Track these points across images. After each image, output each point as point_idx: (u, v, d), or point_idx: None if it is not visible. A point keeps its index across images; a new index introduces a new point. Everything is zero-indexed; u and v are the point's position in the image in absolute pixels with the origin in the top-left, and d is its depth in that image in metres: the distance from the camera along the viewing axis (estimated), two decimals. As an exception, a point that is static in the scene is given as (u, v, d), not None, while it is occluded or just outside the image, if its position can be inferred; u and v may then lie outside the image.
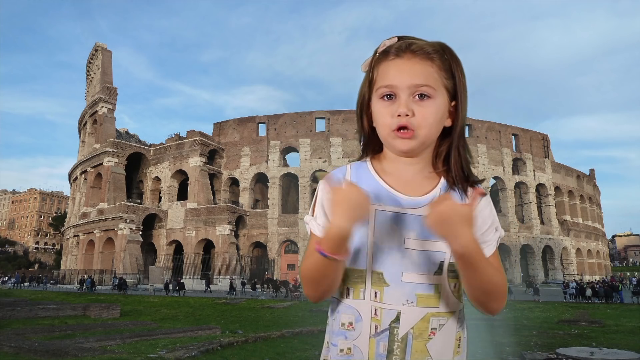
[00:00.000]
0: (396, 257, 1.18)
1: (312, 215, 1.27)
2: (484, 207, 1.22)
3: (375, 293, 1.19)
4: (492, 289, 1.13)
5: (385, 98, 1.21)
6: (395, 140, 1.19)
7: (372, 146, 1.32)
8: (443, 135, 1.25)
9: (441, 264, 1.19)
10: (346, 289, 1.23)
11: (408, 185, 1.24)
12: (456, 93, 1.23)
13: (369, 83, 1.26)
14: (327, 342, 1.28)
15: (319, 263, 1.12)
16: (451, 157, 1.25)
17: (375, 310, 1.19)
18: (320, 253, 1.09)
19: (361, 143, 1.35)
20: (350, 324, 1.21)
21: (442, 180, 1.25)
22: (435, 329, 1.18)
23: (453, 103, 1.24)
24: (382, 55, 1.23)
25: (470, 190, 1.24)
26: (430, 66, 1.19)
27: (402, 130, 1.18)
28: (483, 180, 1.28)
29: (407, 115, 1.16)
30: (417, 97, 1.18)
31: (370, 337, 1.18)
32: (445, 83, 1.21)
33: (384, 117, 1.20)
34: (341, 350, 1.21)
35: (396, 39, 1.24)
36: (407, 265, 1.18)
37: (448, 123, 1.24)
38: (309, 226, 1.26)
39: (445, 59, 1.21)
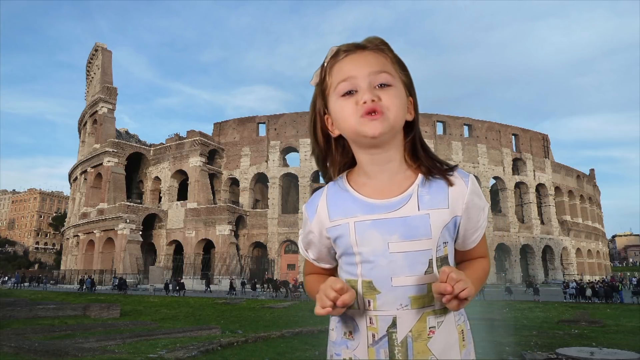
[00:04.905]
0: (382, 264, 1.17)
1: (303, 235, 1.34)
2: (473, 191, 1.21)
3: (369, 302, 1.19)
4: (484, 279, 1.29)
5: (346, 95, 1.19)
6: (364, 125, 1.15)
7: (333, 163, 1.31)
8: (405, 130, 1.25)
9: (430, 262, 1.17)
10: None
11: (384, 191, 1.22)
12: (411, 88, 1.25)
13: (322, 94, 1.25)
14: (330, 356, 1.27)
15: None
16: (417, 150, 1.25)
17: (370, 319, 1.19)
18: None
19: (320, 167, 1.35)
20: (350, 333, 1.22)
21: (420, 176, 1.23)
22: (434, 327, 1.17)
23: (410, 99, 1.25)
24: (332, 60, 1.22)
25: (451, 173, 1.22)
26: (384, 57, 1.20)
27: (371, 114, 1.15)
28: (456, 165, 1.25)
29: (374, 100, 1.15)
30: (377, 86, 1.17)
31: (368, 347, 1.18)
32: (401, 75, 1.22)
33: (347, 108, 1.18)
34: None
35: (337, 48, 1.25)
36: (394, 269, 1.17)
37: (410, 117, 1.23)
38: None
39: (394, 54, 1.23)
